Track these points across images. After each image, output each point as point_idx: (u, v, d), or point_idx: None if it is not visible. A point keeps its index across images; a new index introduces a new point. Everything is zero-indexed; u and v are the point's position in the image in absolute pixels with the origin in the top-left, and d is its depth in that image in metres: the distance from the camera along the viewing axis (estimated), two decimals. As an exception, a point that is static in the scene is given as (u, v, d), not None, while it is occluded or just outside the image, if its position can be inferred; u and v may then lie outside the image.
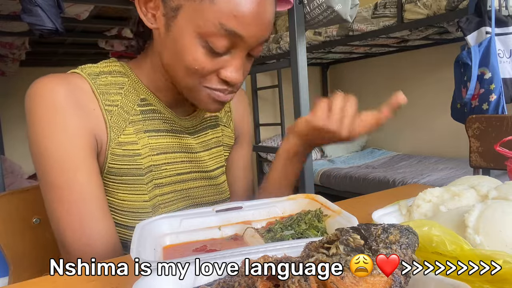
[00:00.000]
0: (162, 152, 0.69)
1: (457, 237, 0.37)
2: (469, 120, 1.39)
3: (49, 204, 0.61)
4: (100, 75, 0.65)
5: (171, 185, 0.71)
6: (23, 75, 2.96)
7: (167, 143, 0.70)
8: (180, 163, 0.72)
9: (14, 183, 2.48)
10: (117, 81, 0.67)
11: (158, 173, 0.68)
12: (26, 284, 0.47)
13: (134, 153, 0.65)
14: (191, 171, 0.74)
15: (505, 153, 0.62)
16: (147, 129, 0.67)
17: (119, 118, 0.64)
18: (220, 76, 0.61)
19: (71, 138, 0.59)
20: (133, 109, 0.67)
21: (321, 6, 1.82)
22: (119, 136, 0.64)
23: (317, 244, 0.33)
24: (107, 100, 0.64)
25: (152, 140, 0.68)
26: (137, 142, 0.66)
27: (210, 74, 0.61)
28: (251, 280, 0.29)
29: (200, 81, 0.61)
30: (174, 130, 0.71)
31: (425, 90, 3.41)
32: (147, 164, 0.67)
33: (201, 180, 0.75)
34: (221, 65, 0.60)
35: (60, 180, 0.59)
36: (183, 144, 0.72)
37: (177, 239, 0.53)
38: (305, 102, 1.92)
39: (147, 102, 0.68)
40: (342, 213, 0.50)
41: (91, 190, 0.60)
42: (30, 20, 1.35)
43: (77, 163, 0.60)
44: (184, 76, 0.61)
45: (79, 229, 0.59)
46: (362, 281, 0.27)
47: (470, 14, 1.91)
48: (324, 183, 3.28)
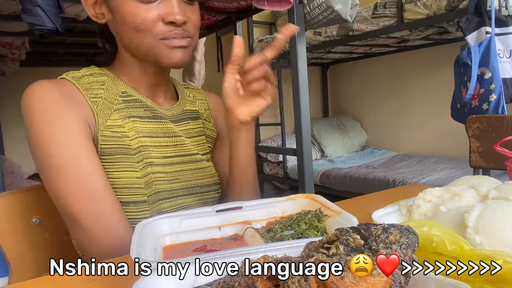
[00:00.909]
0: (148, 136, 0.73)
1: (457, 237, 0.37)
2: (469, 120, 1.39)
3: (55, 187, 0.64)
4: (82, 77, 0.72)
5: (161, 166, 0.74)
6: (23, 75, 2.96)
7: (151, 128, 0.74)
8: (165, 147, 0.76)
9: (14, 183, 2.48)
10: (98, 80, 0.73)
11: (147, 153, 0.72)
12: (26, 284, 0.47)
13: (121, 134, 0.70)
14: (177, 154, 0.77)
15: (505, 153, 0.62)
16: (131, 115, 0.72)
17: (104, 107, 0.70)
18: (164, 21, 0.66)
19: (69, 124, 0.64)
20: (116, 99, 0.72)
21: (321, 6, 1.82)
22: (106, 121, 0.69)
23: (317, 244, 0.33)
24: (91, 94, 0.70)
25: (137, 124, 0.73)
26: (123, 126, 0.71)
27: (155, 24, 0.66)
28: (251, 280, 0.29)
29: (153, 35, 0.67)
30: (156, 116, 0.76)
31: (425, 90, 3.41)
32: (136, 145, 0.71)
33: (187, 163, 0.78)
34: (160, 11, 0.66)
35: (63, 160, 0.63)
36: (166, 129, 0.77)
37: (177, 239, 0.53)
38: (305, 102, 1.92)
39: (128, 94, 0.74)
40: (342, 213, 0.50)
41: (93, 166, 0.65)
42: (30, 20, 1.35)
43: (77, 144, 0.64)
44: (138, 40, 0.68)
45: (89, 202, 0.63)
46: (362, 281, 0.27)
47: (470, 14, 1.91)
48: (324, 183, 3.28)
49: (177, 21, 0.67)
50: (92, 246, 0.64)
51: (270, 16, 3.85)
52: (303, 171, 1.92)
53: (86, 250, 0.66)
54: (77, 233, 0.65)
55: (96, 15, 0.72)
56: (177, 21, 0.67)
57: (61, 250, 0.85)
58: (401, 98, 3.64)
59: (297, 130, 1.94)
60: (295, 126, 1.96)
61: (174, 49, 0.68)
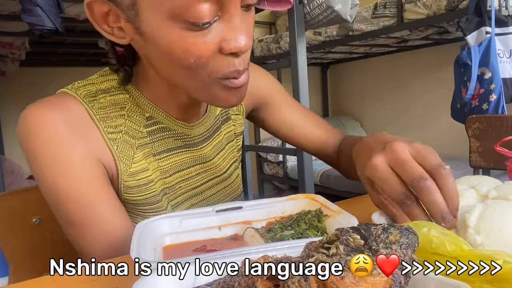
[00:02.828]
0: (176, 171, 0.64)
1: (457, 238, 0.37)
2: (469, 120, 1.39)
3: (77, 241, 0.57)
4: (97, 96, 0.58)
5: (188, 201, 0.67)
6: (23, 75, 2.97)
7: (180, 161, 0.65)
8: (195, 176, 0.68)
9: (14, 183, 2.48)
10: (117, 100, 0.59)
11: (172, 194, 0.65)
12: (26, 284, 0.47)
13: (147, 180, 0.60)
14: (207, 180, 0.70)
15: (505, 153, 0.62)
16: (157, 151, 0.61)
17: (126, 145, 0.58)
18: (224, 52, 0.48)
19: (81, 171, 0.54)
20: (139, 131, 0.60)
21: (321, 6, 1.82)
22: (130, 167, 0.58)
23: (317, 244, 0.33)
24: (109, 127, 0.57)
25: (163, 162, 0.62)
26: (147, 167, 0.60)
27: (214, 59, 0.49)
28: (251, 280, 0.29)
29: (208, 74, 0.50)
30: (186, 145, 0.65)
31: (425, 90, 3.41)
32: (160, 187, 0.62)
33: (217, 185, 0.72)
34: (219, 39, 0.47)
35: (79, 217, 0.55)
36: (197, 156, 0.67)
37: (177, 239, 0.53)
38: (305, 102, 1.92)
39: (154, 120, 0.61)
40: (342, 213, 0.50)
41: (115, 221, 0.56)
42: (30, 20, 1.35)
43: (94, 195, 0.55)
44: (188, 78, 0.51)
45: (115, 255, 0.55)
46: (362, 281, 0.27)
47: (470, 14, 1.91)
48: (324, 183, 3.28)
49: (242, 49, 0.48)
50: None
51: (270, 16, 3.85)
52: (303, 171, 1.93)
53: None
54: None
55: (112, 32, 0.51)
56: (242, 49, 0.48)
57: (61, 250, 0.85)
58: (401, 98, 3.63)
59: (297, 130, 1.94)
60: (295, 126, 1.95)
61: (234, 90, 0.52)
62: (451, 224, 0.43)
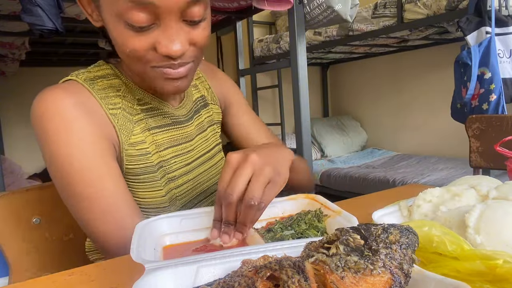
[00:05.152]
0: (169, 146, 0.70)
1: (458, 238, 0.37)
2: (469, 120, 1.39)
3: (80, 215, 0.60)
4: (95, 80, 0.65)
5: (183, 176, 0.72)
6: (23, 75, 2.96)
7: (171, 137, 0.71)
8: (187, 153, 0.74)
9: (14, 183, 2.48)
10: (113, 83, 0.67)
11: (168, 167, 0.70)
12: (26, 284, 0.47)
13: (145, 151, 0.66)
14: (196, 157, 0.76)
15: (505, 153, 0.62)
16: (151, 126, 0.68)
17: (124, 120, 0.65)
18: (158, 53, 0.56)
19: (91, 147, 0.59)
20: (134, 109, 0.67)
21: (321, 6, 1.82)
22: (129, 138, 0.64)
23: (317, 244, 0.33)
24: (109, 104, 0.64)
25: (157, 136, 0.69)
26: (145, 140, 0.66)
27: (148, 53, 0.57)
28: (251, 280, 0.29)
29: (145, 63, 0.58)
30: (174, 122, 0.72)
31: (425, 90, 3.41)
32: (157, 160, 0.68)
33: (203, 164, 0.77)
34: (154, 40, 0.56)
35: (88, 191, 0.58)
36: (185, 134, 0.74)
37: (177, 239, 0.53)
38: (305, 102, 1.92)
39: (144, 101, 0.69)
40: (342, 213, 0.50)
41: (121, 195, 0.60)
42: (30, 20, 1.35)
43: (102, 170, 0.59)
44: (131, 64, 0.60)
45: (118, 230, 0.59)
46: (362, 281, 0.27)
47: (470, 14, 1.92)
48: (324, 183, 3.28)
49: (173, 54, 0.56)
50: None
51: (270, 16, 3.85)
52: (303, 171, 1.92)
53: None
54: (106, 255, 0.61)
55: (91, 16, 0.62)
56: (173, 54, 0.56)
57: (61, 250, 0.85)
58: (401, 98, 3.64)
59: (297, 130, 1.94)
60: (295, 126, 1.96)
61: (170, 80, 0.60)
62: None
